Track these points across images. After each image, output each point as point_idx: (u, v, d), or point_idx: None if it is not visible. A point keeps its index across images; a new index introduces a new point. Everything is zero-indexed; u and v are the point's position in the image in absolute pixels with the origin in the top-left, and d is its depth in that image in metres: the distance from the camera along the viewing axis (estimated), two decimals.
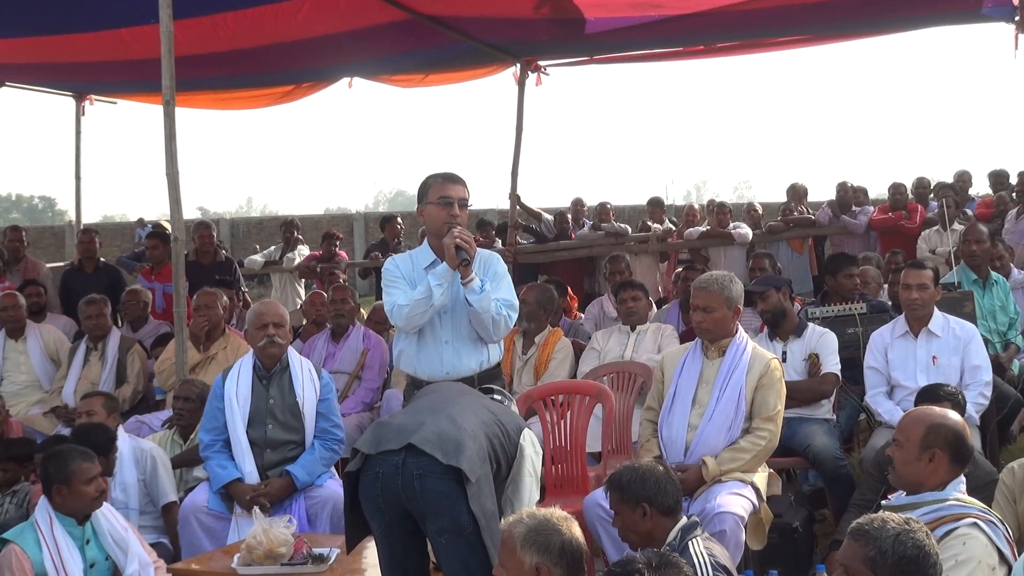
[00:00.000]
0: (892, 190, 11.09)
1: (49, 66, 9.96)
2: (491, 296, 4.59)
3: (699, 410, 5.01)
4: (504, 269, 4.85)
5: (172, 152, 6.40)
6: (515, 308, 4.74)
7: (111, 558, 4.62)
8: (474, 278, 4.59)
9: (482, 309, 4.56)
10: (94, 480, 4.62)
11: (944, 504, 3.54)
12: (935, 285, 6.12)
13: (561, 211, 12.65)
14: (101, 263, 10.34)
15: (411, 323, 4.64)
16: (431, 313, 4.62)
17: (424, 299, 4.57)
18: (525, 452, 4.06)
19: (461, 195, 4.72)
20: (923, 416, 3.75)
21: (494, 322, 4.60)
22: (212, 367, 7.09)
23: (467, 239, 4.55)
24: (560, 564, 3.21)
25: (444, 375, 4.64)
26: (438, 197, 4.69)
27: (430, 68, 10.72)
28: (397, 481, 3.75)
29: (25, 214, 77.69)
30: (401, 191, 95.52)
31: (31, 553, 4.42)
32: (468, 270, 4.57)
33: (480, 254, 4.78)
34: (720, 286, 5.03)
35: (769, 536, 4.96)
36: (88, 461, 4.62)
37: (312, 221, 24.41)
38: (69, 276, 10.31)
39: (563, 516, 3.34)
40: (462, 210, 4.70)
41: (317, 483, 5.47)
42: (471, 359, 4.68)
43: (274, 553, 4.47)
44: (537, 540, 3.22)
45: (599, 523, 4.77)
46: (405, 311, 4.61)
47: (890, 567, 2.80)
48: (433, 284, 4.56)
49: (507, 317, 4.64)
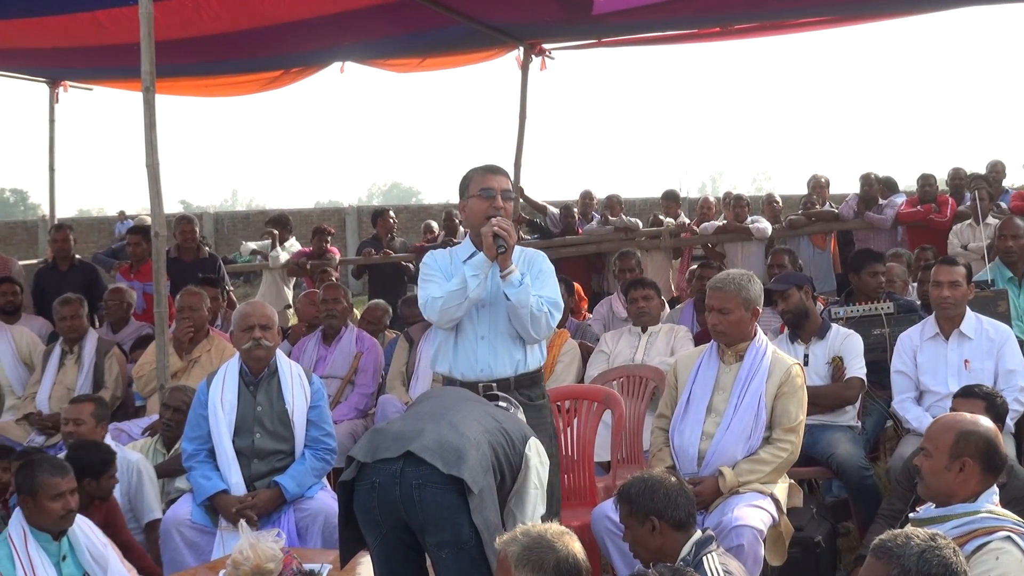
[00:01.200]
0: (921, 181, 11.07)
1: (20, 51, 9.98)
2: (531, 291, 4.60)
3: (715, 418, 5.02)
4: (549, 267, 4.87)
5: (152, 142, 6.41)
6: (559, 307, 4.75)
7: (88, 575, 4.62)
8: (513, 270, 4.60)
9: (520, 303, 4.58)
10: (61, 497, 4.56)
11: (976, 517, 3.54)
12: (967, 283, 6.11)
13: (567, 204, 12.65)
14: (77, 261, 10.35)
15: (445, 316, 4.65)
16: (467, 307, 4.63)
17: (459, 290, 4.59)
18: (530, 463, 4.05)
19: (504, 186, 4.77)
20: (952, 423, 3.75)
21: (533, 318, 4.60)
22: (195, 371, 7.11)
23: (506, 227, 4.57)
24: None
25: (478, 374, 4.67)
26: (480, 189, 4.72)
27: (427, 52, 10.73)
28: (395, 492, 3.74)
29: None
30: (396, 183, 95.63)
31: (3, 570, 4.41)
32: (507, 261, 4.59)
33: (524, 251, 4.84)
34: (737, 286, 5.04)
35: (790, 551, 4.97)
36: (58, 476, 4.56)
37: (302, 215, 24.45)
38: (43, 275, 10.33)
39: (559, 532, 3.35)
40: (506, 202, 4.74)
41: (307, 495, 5.47)
42: (508, 358, 4.69)
43: (262, 569, 4.47)
44: (531, 559, 3.25)
45: (608, 536, 4.78)
46: (439, 303, 4.63)
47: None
48: (468, 275, 4.58)
49: (548, 314, 4.65)
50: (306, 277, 12.10)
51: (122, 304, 8.90)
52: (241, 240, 19.60)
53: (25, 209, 74.18)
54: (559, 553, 3.25)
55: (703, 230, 11.59)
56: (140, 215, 17.31)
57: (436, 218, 16.55)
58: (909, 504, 4.71)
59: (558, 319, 4.78)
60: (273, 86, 11.56)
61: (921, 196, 10.94)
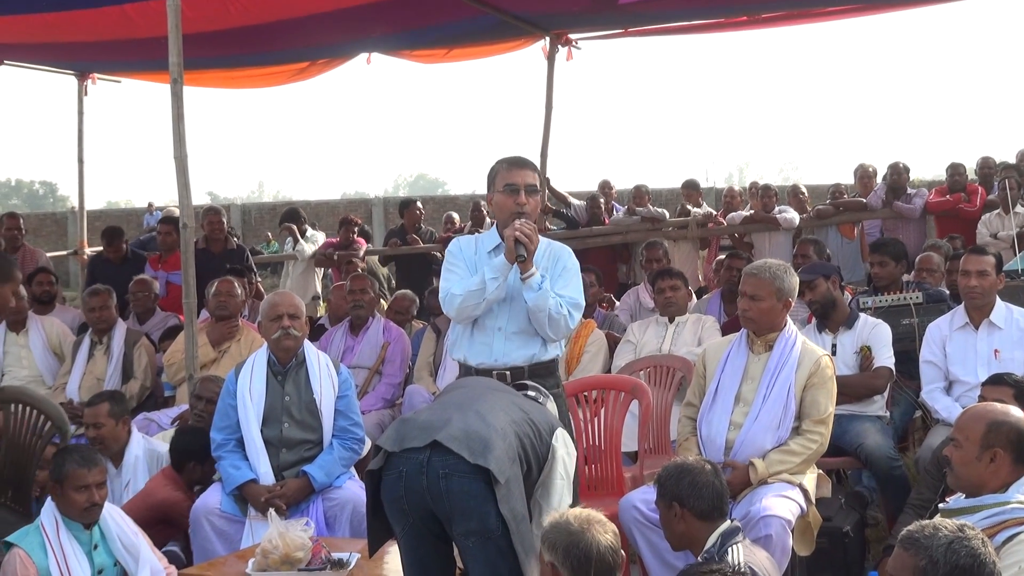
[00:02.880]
0: (950, 171, 10.99)
1: (49, 45, 10.05)
2: (550, 293, 4.57)
3: (743, 408, 5.01)
4: (575, 265, 4.81)
5: (180, 134, 6.44)
6: (579, 307, 4.71)
7: (119, 564, 4.65)
8: (534, 273, 4.56)
9: (538, 308, 4.55)
10: (86, 489, 4.58)
11: (1006, 507, 3.52)
12: (997, 273, 6.07)
13: (594, 195, 12.64)
14: (129, 253, 10.53)
15: (463, 314, 4.66)
16: (485, 307, 4.63)
17: (477, 291, 4.59)
18: (557, 453, 4.05)
19: (528, 180, 4.70)
20: (983, 413, 3.73)
21: (552, 320, 4.57)
22: (225, 361, 7.15)
23: (528, 232, 4.52)
24: (565, 566, 3.28)
25: (493, 363, 4.66)
26: (503, 185, 4.68)
27: (453, 43, 10.74)
28: (422, 481, 3.74)
29: (25, 200, 78.38)
30: (422, 174, 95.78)
31: (36, 559, 4.44)
32: (527, 265, 4.55)
33: (550, 246, 4.80)
34: (772, 275, 5.02)
35: (818, 541, 4.94)
36: (85, 467, 4.59)
37: (328, 206, 24.53)
38: (96, 266, 10.56)
39: (588, 518, 3.36)
40: (530, 196, 4.68)
41: (336, 484, 5.49)
42: (524, 350, 4.67)
43: (291, 558, 4.50)
44: (548, 538, 3.32)
45: (635, 526, 4.78)
46: (457, 301, 4.63)
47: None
48: (488, 277, 4.57)
49: (567, 316, 4.60)
50: (333, 268, 12.13)
51: (148, 295, 8.98)
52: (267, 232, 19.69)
53: (54, 201, 74.70)
54: (572, 537, 3.31)
55: (730, 220, 11.55)
56: (168, 207, 17.40)
57: (462, 209, 16.57)
58: (938, 494, 4.70)
59: (578, 319, 4.74)
60: (300, 78, 11.59)
61: (950, 185, 10.85)
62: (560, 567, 3.27)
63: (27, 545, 4.47)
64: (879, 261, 7.19)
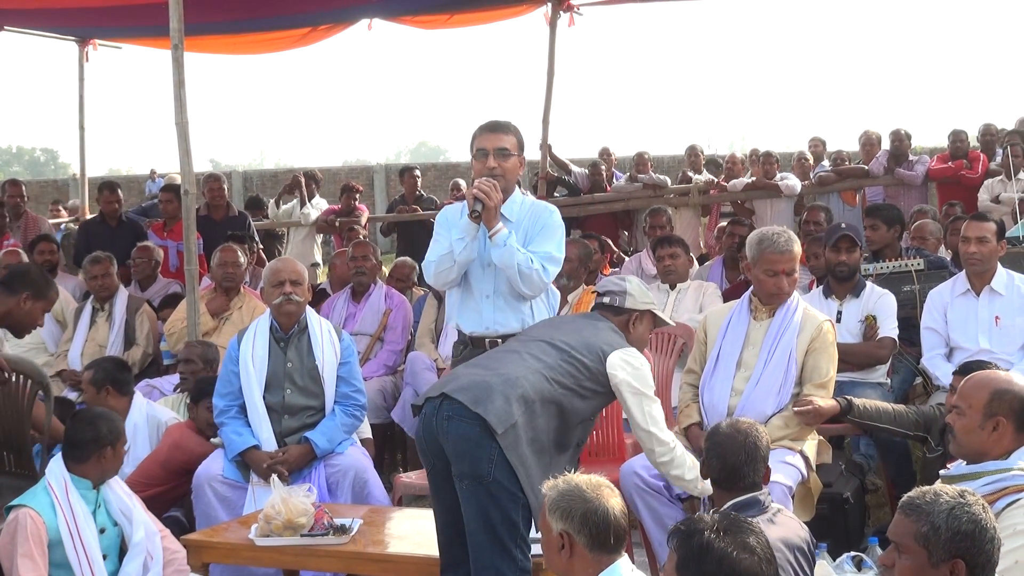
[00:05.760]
0: (952, 137, 10.96)
1: (49, 11, 9.98)
2: (516, 248, 4.55)
3: (744, 373, 5.01)
4: (556, 221, 4.78)
5: (181, 100, 6.43)
6: (555, 262, 4.69)
7: (118, 525, 4.66)
8: (499, 230, 4.56)
9: (504, 264, 4.56)
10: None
11: (1008, 474, 3.51)
12: (998, 240, 6.05)
13: (595, 162, 12.59)
14: (125, 218, 10.39)
15: (440, 280, 4.73)
16: (457, 270, 4.65)
17: (447, 255, 4.63)
18: (618, 377, 4.25)
19: (498, 144, 4.68)
20: (986, 381, 3.71)
21: (523, 276, 4.55)
22: (226, 328, 7.14)
23: (485, 189, 4.52)
24: (583, 533, 3.24)
25: (484, 331, 4.70)
26: (476, 150, 4.72)
27: (455, 8, 10.66)
28: (433, 422, 4.07)
29: (26, 167, 78.11)
30: (423, 141, 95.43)
31: (46, 518, 4.44)
32: (491, 221, 4.54)
33: (533, 205, 4.83)
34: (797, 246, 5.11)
35: (818, 507, 4.97)
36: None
37: (330, 173, 24.40)
38: (91, 229, 10.29)
39: (598, 484, 3.35)
40: (501, 160, 4.67)
41: (338, 451, 5.51)
42: (513, 315, 4.69)
43: (293, 523, 4.51)
44: (560, 506, 3.28)
45: (636, 493, 4.79)
46: (432, 267, 4.71)
47: (944, 543, 2.78)
48: (454, 239, 4.61)
49: (540, 271, 4.57)
50: (335, 234, 12.10)
51: (150, 262, 8.95)
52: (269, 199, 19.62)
53: (55, 168, 74.49)
54: (589, 504, 3.26)
55: (732, 187, 11.49)
56: (170, 174, 17.33)
57: (464, 175, 16.49)
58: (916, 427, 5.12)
59: (554, 274, 4.72)
60: (301, 43, 11.52)
61: (952, 152, 10.83)
62: (576, 535, 3.23)
63: (37, 505, 4.46)
64: (871, 224, 7.17)
